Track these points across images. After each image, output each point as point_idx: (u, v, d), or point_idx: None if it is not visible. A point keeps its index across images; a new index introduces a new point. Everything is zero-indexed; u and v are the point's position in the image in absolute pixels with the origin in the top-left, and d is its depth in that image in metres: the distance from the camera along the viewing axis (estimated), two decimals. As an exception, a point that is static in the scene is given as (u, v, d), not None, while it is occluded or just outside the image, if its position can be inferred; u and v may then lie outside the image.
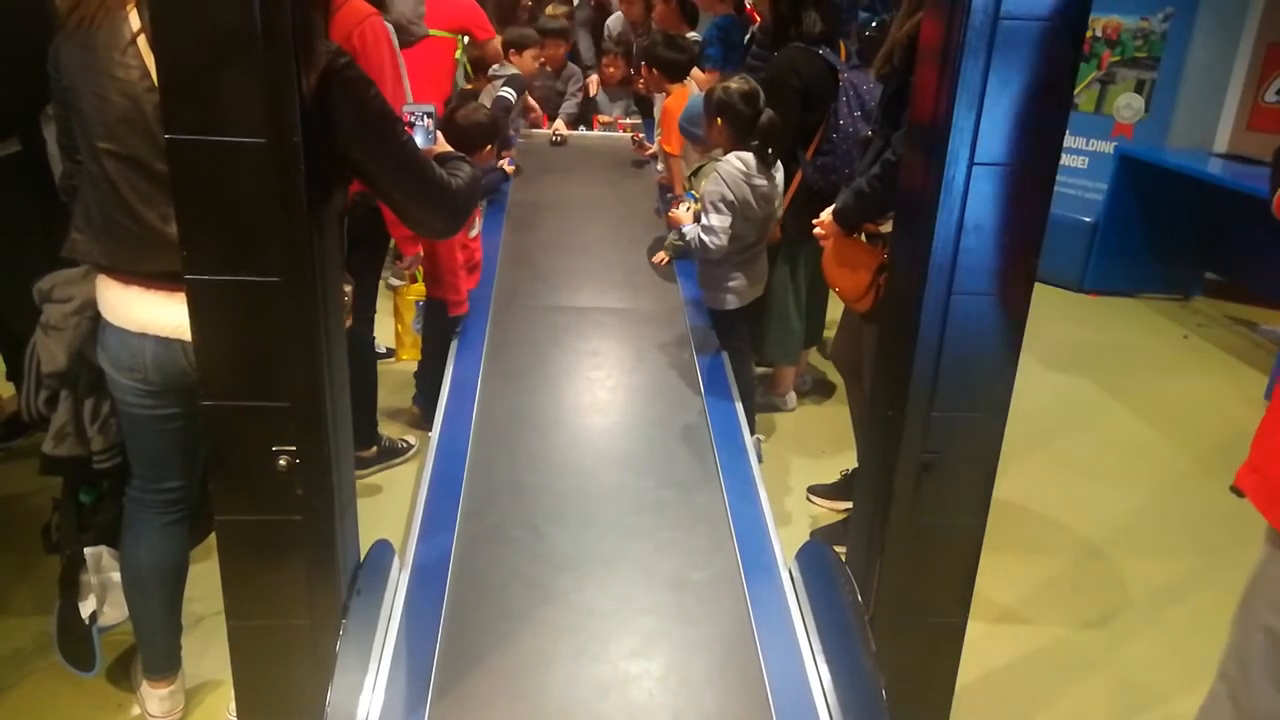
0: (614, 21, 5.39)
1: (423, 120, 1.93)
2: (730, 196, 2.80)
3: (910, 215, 1.57)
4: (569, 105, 5.24)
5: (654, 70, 4.08)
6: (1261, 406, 4.00)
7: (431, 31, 3.56)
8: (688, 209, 2.98)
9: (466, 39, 4.17)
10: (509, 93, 4.25)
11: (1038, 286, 1.52)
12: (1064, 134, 1.40)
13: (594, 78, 5.38)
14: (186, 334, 1.45)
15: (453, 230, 1.83)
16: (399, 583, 1.92)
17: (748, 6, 4.64)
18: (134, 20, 1.61)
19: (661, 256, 3.62)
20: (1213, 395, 4.19)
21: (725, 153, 2.89)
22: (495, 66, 4.40)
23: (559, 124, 5.08)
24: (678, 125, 3.54)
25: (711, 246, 2.82)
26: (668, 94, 4.07)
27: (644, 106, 5.33)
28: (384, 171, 1.59)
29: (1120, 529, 3.06)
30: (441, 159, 1.80)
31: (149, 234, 1.65)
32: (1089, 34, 5.32)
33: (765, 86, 2.90)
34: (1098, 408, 3.97)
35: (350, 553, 1.72)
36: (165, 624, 1.99)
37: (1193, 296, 5.47)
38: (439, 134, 1.93)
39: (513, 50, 4.37)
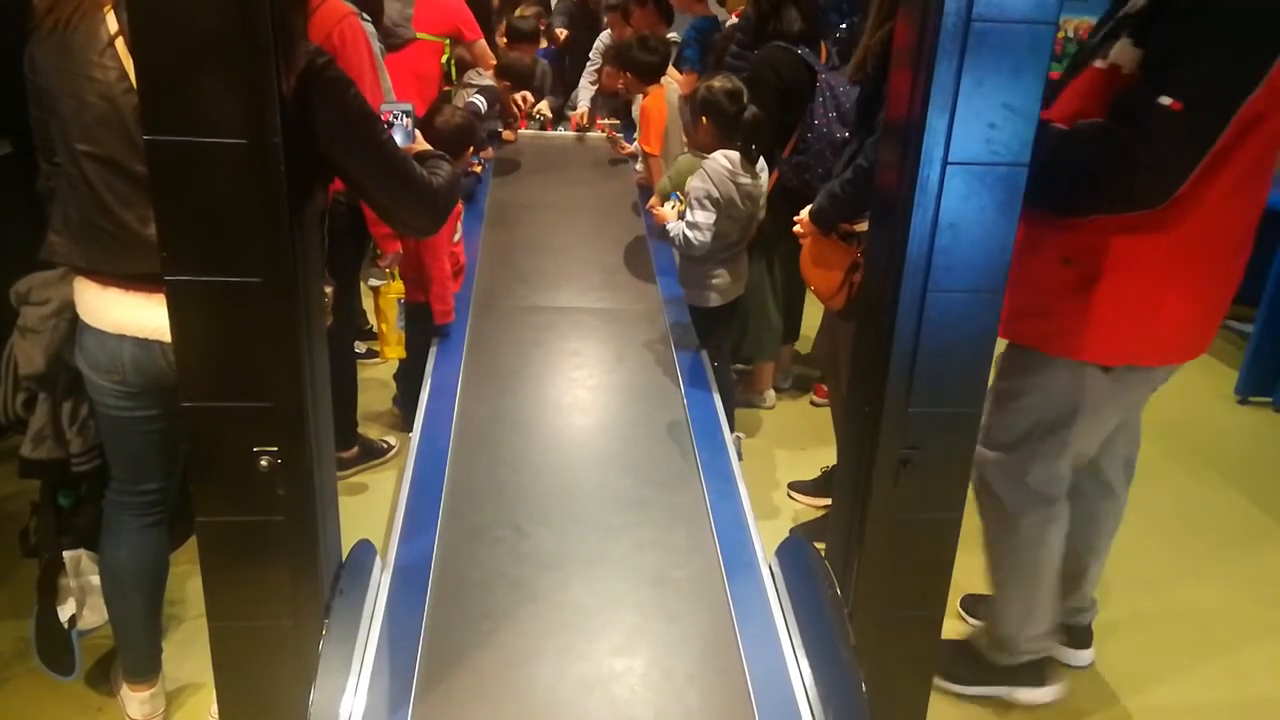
0: (605, 36, 5.38)
1: (401, 119, 1.93)
2: (716, 194, 2.82)
3: (886, 214, 1.59)
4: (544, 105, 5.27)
5: (628, 73, 4.17)
6: (1232, 401, 4.09)
7: (419, 35, 3.55)
8: (672, 206, 3.00)
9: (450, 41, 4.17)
10: (480, 100, 4.30)
11: (1011, 285, 1.54)
12: (1035, 133, 1.42)
13: (545, 101, 5.35)
14: (165, 335, 1.45)
15: (434, 229, 1.84)
16: (381, 583, 1.92)
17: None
18: (111, 22, 1.61)
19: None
20: (1184, 390, 4.21)
21: (709, 151, 2.91)
22: (471, 73, 4.43)
23: (542, 105, 5.14)
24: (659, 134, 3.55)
25: (695, 243, 2.84)
26: (645, 95, 4.11)
27: (624, 109, 5.34)
28: (365, 171, 1.59)
29: (1095, 523, 3.10)
30: (420, 157, 1.80)
31: (127, 236, 1.64)
32: (1061, 35, 5.38)
33: (745, 84, 2.92)
34: (1072, 404, 4.02)
35: (332, 553, 1.72)
36: (145, 626, 1.99)
37: (1165, 294, 5.54)
38: (418, 132, 1.93)
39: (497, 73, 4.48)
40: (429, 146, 1.93)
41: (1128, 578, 2.79)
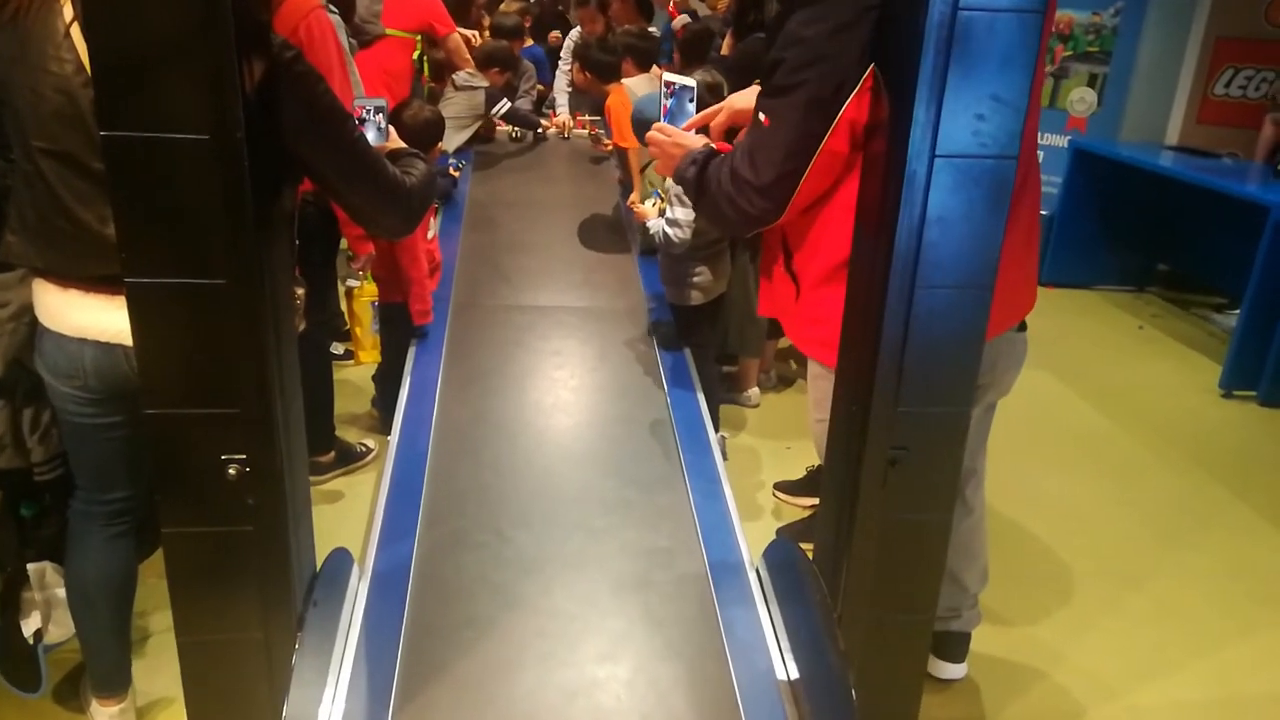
0: (576, 34, 5.37)
1: (374, 116, 1.89)
2: None
3: (873, 209, 1.56)
4: (523, 102, 5.20)
5: (587, 74, 4.22)
6: (1216, 394, 4.10)
7: (389, 31, 3.50)
8: (653, 204, 2.96)
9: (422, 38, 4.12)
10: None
11: (998, 279, 1.51)
12: (1023, 125, 1.39)
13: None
14: (128, 339, 1.39)
15: (408, 229, 1.79)
16: (358, 592, 1.88)
17: (670, 7, 4.69)
18: (67, 11, 1.54)
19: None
20: (1168, 384, 4.26)
21: None
22: (465, 74, 4.39)
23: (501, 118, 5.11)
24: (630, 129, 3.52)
25: (675, 239, 2.81)
26: (607, 94, 4.13)
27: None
28: (335, 169, 1.55)
29: (1078, 519, 3.09)
30: (394, 155, 1.75)
31: (86, 235, 1.58)
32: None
33: (728, 78, 2.89)
34: (1055, 399, 4.02)
35: (305, 563, 1.67)
36: (114, 640, 1.93)
37: (1147, 287, 5.57)
38: (392, 129, 1.88)
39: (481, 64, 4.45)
40: (403, 144, 1.88)
41: (1113, 574, 2.79)
